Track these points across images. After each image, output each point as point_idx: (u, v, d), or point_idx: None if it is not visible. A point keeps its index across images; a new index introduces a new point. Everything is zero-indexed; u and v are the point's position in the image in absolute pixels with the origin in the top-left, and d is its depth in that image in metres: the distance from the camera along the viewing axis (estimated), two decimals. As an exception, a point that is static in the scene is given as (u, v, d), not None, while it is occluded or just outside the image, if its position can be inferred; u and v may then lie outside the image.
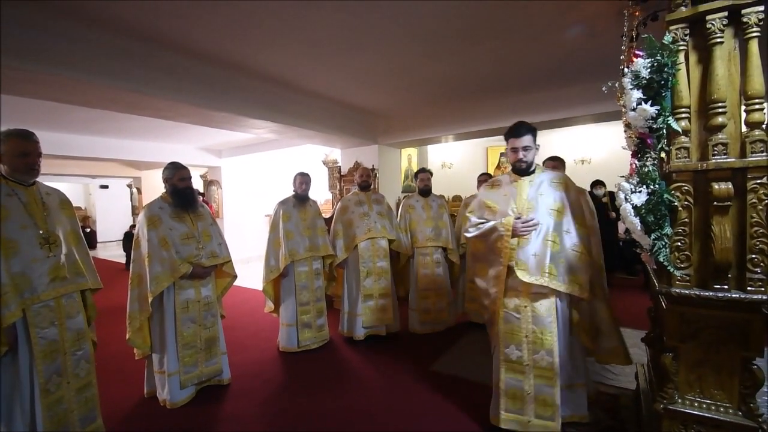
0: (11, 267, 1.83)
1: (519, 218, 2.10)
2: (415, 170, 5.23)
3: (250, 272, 7.48)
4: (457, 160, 9.44)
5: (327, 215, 4.44)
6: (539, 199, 2.16)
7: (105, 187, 14.73)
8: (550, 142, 7.60)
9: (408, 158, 7.50)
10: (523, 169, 2.24)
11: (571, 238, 2.11)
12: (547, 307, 2.11)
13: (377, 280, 3.85)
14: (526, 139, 2.17)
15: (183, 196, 2.83)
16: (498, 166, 8.85)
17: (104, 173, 11.38)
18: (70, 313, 2.04)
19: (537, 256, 2.10)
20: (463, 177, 8.80)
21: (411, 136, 6.32)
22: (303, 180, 3.79)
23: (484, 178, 4.34)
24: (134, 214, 13.65)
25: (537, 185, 2.21)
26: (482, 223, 2.26)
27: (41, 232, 1.96)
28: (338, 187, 7.36)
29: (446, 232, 4.15)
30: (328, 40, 3.29)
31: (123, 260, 9.37)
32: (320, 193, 8.22)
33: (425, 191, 4.27)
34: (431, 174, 4.46)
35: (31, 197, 1.99)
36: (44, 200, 2.04)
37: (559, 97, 4.90)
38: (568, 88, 4.79)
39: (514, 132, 2.19)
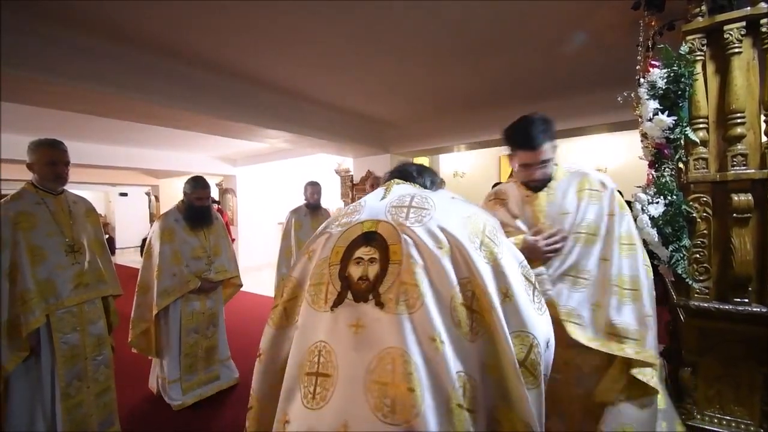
0: (37, 273, 1.90)
1: (538, 234, 1.48)
2: (428, 180, 5.23)
3: (262, 279, 7.55)
4: (469, 169, 9.42)
5: (340, 224, 4.47)
6: (564, 221, 1.50)
7: (124, 194, 15.10)
8: (564, 151, 7.54)
9: (420, 167, 7.50)
10: (540, 185, 1.61)
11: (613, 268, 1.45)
12: (597, 364, 1.43)
13: (389, 289, 3.84)
14: (546, 150, 1.49)
15: (197, 213, 2.89)
16: (511, 175, 8.77)
17: (124, 181, 11.71)
18: (91, 318, 2.10)
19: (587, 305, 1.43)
20: (476, 186, 8.76)
21: (423, 146, 6.34)
22: (314, 190, 3.84)
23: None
24: (152, 221, 13.94)
25: (559, 199, 1.55)
26: None
27: (67, 239, 2.03)
28: (350, 195, 7.41)
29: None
30: (341, 53, 3.35)
31: (140, 266, 9.55)
32: (332, 201, 8.28)
33: (438, 200, 4.26)
34: (444, 183, 4.46)
35: (58, 206, 2.06)
36: (71, 209, 2.12)
37: (573, 106, 4.86)
38: (581, 98, 4.76)
39: (525, 140, 1.50)
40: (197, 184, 2.88)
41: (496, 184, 4.20)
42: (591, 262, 1.42)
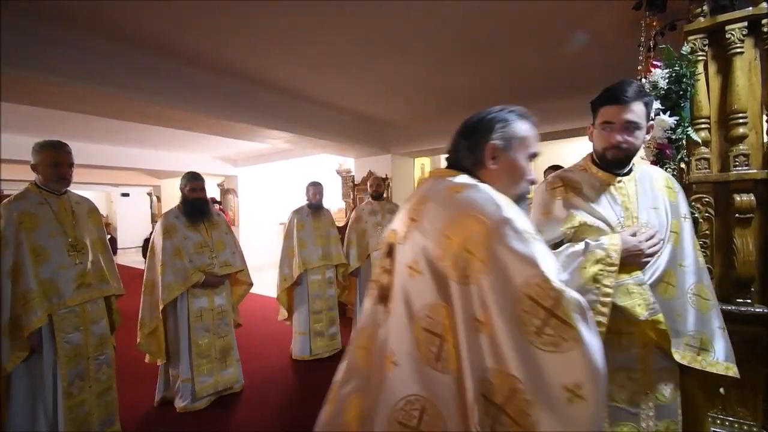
0: (40, 273, 1.91)
1: (634, 234, 1.20)
2: (429, 180, 5.23)
3: (264, 279, 7.55)
4: (470, 169, 9.40)
5: (340, 224, 4.47)
6: (657, 216, 1.27)
7: (126, 195, 15.12)
8: (564, 152, 7.52)
9: (421, 168, 7.51)
10: (620, 162, 1.29)
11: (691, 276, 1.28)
12: (672, 390, 1.26)
13: (390, 290, 3.85)
14: (637, 110, 1.22)
15: (193, 206, 2.89)
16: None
17: (125, 182, 11.74)
18: (94, 318, 2.10)
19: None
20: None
21: (424, 146, 6.33)
22: (315, 190, 3.84)
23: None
24: (153, 221, 13.96)
25: (649, 190, 1.30)
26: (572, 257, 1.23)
27: (70, 239, 2.04)
28: (351, 196, 7.41)
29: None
30: (342, 53, 3.36)
31: (142, 266, 9.53)
32: (334, 202, 8.29)
33: (439, 201, 4.26)
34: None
35: (61, 206, 2.07)
36: (74, 209, 2.13)
37: (574, 106, 4.85)
38: (582, 98, 4.72)
39: (613, 93, 1.25)
40: (189, 176, 2.92)
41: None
42: (676, 267, 1.25)
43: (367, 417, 0.83)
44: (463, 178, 0.90)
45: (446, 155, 1.04)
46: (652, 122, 1.29)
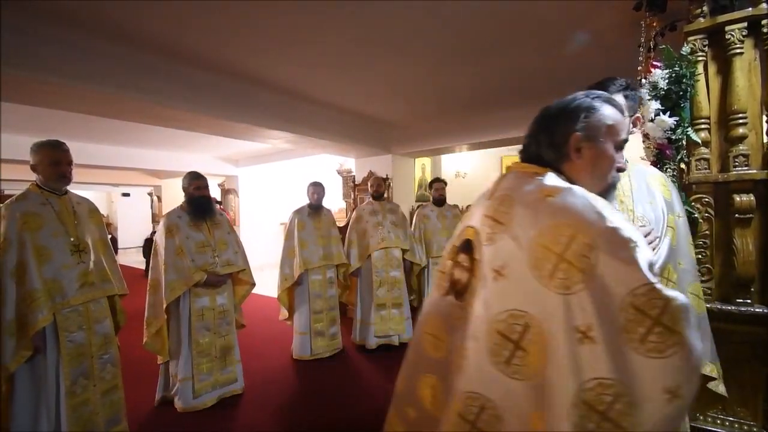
0: (44, 273, 1.92)
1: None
2: (429, 180, 5.24)
3: (264, 279, 7.55)
4: (471, 169, 9.41)
5: (341, 224, 4.48)
6: (653, 210, 1.28)
7: (127, 195, 15.13)
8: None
9: (422, 168, 7.51)
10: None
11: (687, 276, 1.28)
12: None
13: (390, 290, 3.85)
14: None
15: (198, 204, 2.90)
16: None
17: (126, 182, 11.74)
18: (97, 317, 2.11)
19: None
20: (478, 187, 8.69)
21: (425, 146, 6.34)
22: (315, 190, 3.85)
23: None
24: (154, 221, 13.98)
25: (644, 185, 1.31)
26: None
27: (72, 239, 2.05)
28: (352, 196, 7.42)
29: (460, 242, 4.13)
30: (343, 53, 3.36)
31: (142, 266, 9.59)
32: (334, 202, 8.30)
33: (440, 201, 4.27)
34: (446, 184, 4.46)
35: (63, 206, 2.08)
36: (75, 209, 2.14)
37: (575, 106, 4.86)
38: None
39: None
40: (193, 175, 2.94)
41: None
42: (675, 264, 1.24)
43: (438, 397, 0.92)
44: (553, 179, 0.85)
45: (522, 148, 0.98)
46: (637, 114, 1.32)
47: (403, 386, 1.06)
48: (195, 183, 2.89)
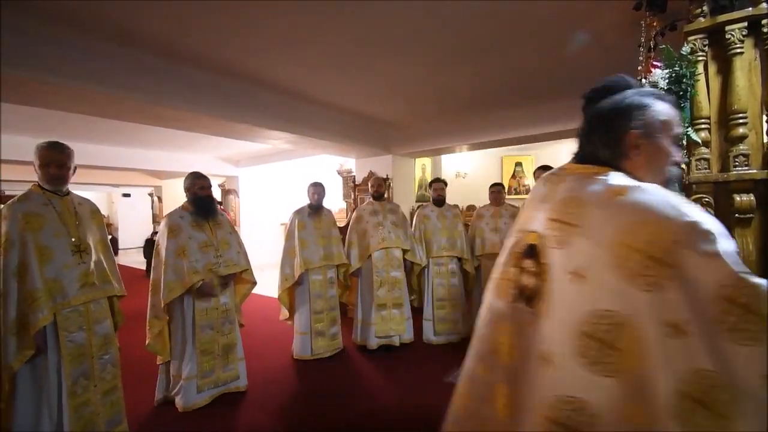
0: (45, 273, 1.92)
1: None
2: (429, 180, 5.24)
3: (265, 279, 7.55)
4: (471, 169, 9.41)
5: (341, 224, 4.48)
6: None
7: (127, 195, 15.14)
8: (565, 152, 7.51)
9: (422, 168, 7.51)
10: None
11: None
12: None
13: (391, 290, 3.85)
14: None
15: (202, 204, 2.90)
16: (513, 176, 8.79)
17: (127, 182, 11.74)
18: (98, 318, 2.11)
19: None
20: (478, 187, 8.74)
21: (425, 146, 6.34)
22: (315, 190, 3.84)
23: (496, 189, 4.30)
24: (154, 222, 13.98)
25: None
26: None
27: (73, 240, 2.05)
28: (352, 196, 7.42)
29: (461, 242, 4.14)
30: (343, 53, 3.36)
31: (143, 267, 9.59)
32: (335, 202, 8.30)
33: (440, 201, 4.27)
34: (446, 184, 4.46)
35: (64, 207, 2.08)
36: (77, 210, 2.14)
37: (574, 106, 4.82)
38: (581, 99, 4.75)
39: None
40: (196, 175, 2.94)
41: (494, 185, 4.25)
42: None
43: (516, 407, 0.89)
44: (620, 178, 0.86)
45: (577, 149, 1.00)
46: None
47: (471, 401, 1.04)
48: (199, 183, 2.90)
